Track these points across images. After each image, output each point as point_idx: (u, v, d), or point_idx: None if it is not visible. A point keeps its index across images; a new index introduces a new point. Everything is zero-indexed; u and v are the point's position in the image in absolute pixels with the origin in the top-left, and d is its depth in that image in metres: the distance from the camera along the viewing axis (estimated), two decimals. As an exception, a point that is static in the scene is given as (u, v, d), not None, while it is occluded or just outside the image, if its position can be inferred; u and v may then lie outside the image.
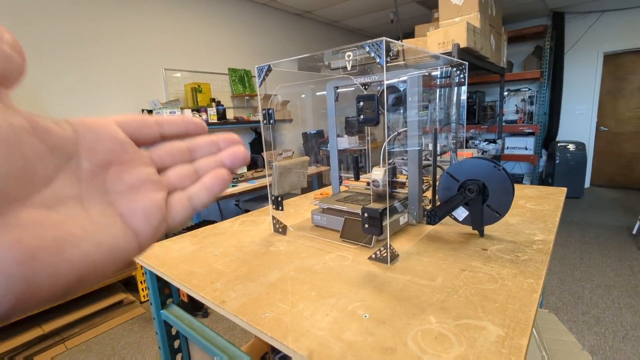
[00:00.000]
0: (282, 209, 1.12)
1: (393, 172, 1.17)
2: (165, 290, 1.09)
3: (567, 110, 4.76)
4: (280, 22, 4.35)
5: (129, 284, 2.76)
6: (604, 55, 4.49)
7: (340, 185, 1.31)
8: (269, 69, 1.03)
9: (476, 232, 1.06)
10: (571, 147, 4.40)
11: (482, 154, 3.65)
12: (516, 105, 4.96)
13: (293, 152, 4.09)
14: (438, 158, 1.11)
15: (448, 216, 1.02)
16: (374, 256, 0.90)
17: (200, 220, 2.83)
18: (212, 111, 3.49)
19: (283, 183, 3.14)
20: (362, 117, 0.82)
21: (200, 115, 3.38)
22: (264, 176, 3.47)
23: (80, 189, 0.19)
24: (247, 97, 4.11)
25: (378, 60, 0.80)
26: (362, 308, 0.68)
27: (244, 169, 3.81)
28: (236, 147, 0.26)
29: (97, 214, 0.19)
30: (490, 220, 0.99)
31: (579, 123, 4.75)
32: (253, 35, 4.07)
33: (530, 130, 4.27)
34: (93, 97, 2.89)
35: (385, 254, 0.88)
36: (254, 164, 4.07)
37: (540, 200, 1.39)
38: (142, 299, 2.61)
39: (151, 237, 0.21)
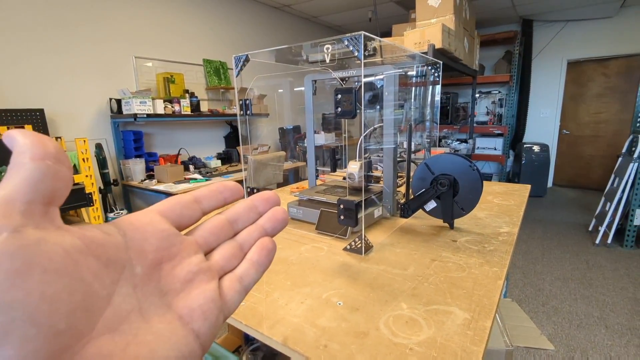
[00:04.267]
0: (258, 201, 1.12)
1: (368, 166, 1.19)
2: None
3: (533, 113, 5.01)
4: (259, 14, 4.29)
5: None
6: (567, 63, 4.75)
7: (316, 179, 1.32)
8: (247, 59, 1.02)
9: (447, 225, 1.10)
10: (536, 148, 4.64)
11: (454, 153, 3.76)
12: (487, 107, 5.16)
13: (269, 147, 4.06)
14: (412, 156, 1.14)
15: (420, 209, 1.06)
16: (348, 247, 0.92)
17: (172, 214, 2.76)
18: (186, 102, 3.39)
19: (258, 178, 3.12)
20: (339, 109, 0.83)
21: (172, 107, 3.29)
22: (239, 170, 3.42)
23: (138, 299, 0.18)
24: (222, 90, 4.03)
25: (356, 54, 0.81)
26: (336, 296, 0.70)
27: (218, 163, 3.74)
28: (275, 210, 0.26)
29: (158, 323, 0.18)
30: (456, 214, 1.04)
31: (543, 126, 5.01)
32: (230, 26, 3.99)
33: (499, 132, 4.46)
34: (60, 83, 2.74)
35: (360, 245, 0.90)
36: (229, 158, 4.01)
37: (507, 196, 1.46)
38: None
39: (212, 335, 0.20)
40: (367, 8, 4.32)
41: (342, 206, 0.88)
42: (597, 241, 3.20)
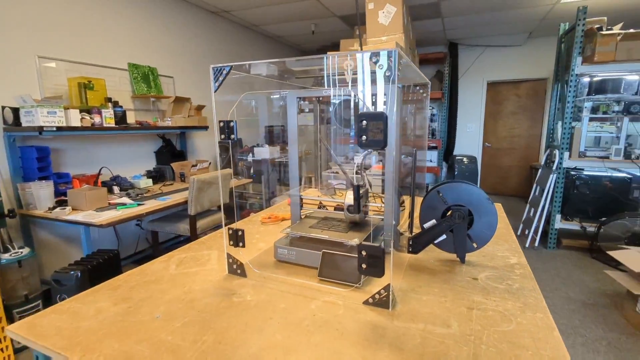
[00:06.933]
0: (243, 245, 0.90)
1: (366, 195, 1.06)
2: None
3: (461, 128, 5.48)
4: (195, 18, 3.93)
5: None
6: (487, 83, 5.30)
7: (300, 209, 1.13)
8: (228, 72, 0.81)
9: (453, 256, 1.01)
10: (465, 160, 5.05)
11: (404, 166, 3.87)
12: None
13: (210, 163, 3.70)
14: (366, 172, 1.03)
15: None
16: (371, 300, 0.76)
17: (94, 251, 2.27)
18: (109, 113, 2.90)
19: (202, 199, 2.78)
20: (365, 138, 0.68)
21: (92, 118, 2.77)
22: (176, 191, 3.02)
23: None
24: (153, 99, 3.57)
25: (387, 73, 0.67)
26: (395, 385, 0.53)
27: (149, 183, 3.27)
28: None
29: None
30: (467, 249, 0.95)
31: (470, 139, 5.50)
32: (161, 29, 3.57)
33: (434, 145, 4.74)
34: None
35: (386, 297, 0.75)
36: (161, 176, 3.55)
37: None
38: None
39: None
40: (310, 21, 4.26)
41: (364, 253, 0.72)
42: (527, 244, 3.52)
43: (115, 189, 2.90)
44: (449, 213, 0.94)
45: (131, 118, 3.36)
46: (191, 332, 0.67)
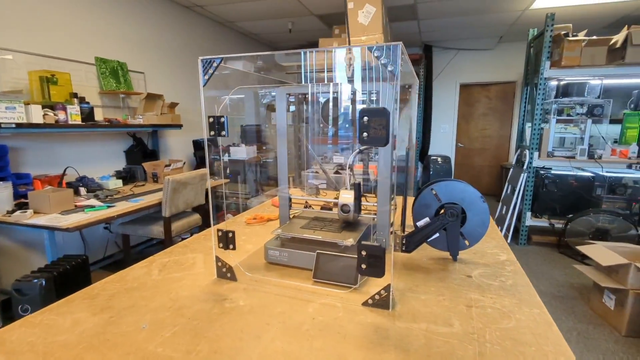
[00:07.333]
0: (233, 248, 0.85)
1: (359, 192, 1.04)
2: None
3: (436, 128, 5.62)
4: (166, 11, 3.77)
5: None
6: (460, 85, 5.47)
7: (289, 209, 1.10)
8: (219, 64, 0.76)
9: (445, 254, 1.02)
10: (440, 160, 5.18)
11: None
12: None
13: (184, 163, 3.57)
14: (350, 171, 1.02)
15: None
16: (370, 301, 0.74)
17: (59, 257, 2.11)
18: (74, 109, 2.72)
19: (177, 200, 2.67)
20: (366, 135, 0.66)
21: (56, 114, 2.59)
22: (149, 192, 2.88)
23: None
24: (122, 95, 3.39)
25: (391, 68, 0.65)
26: (407, 389, 0.51)
27: (119, 183, 3.11)
28: None
29: None
30: (460, 247, 0.96)
31: (444, 140, 5.65)
32: (131, 21, 3.40)
33: (410, 145, 4.83)
34: None
35: (387, 297, 0.73)
36: (132, 176, 3.38)
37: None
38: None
39: None
40: (287, 19, 4.21)
41: (364, 253, 0.70)
42: (499, 242, 3.65)
43: (82, 190, 2.72)
44: (442, 211, 0.94)
45: (99, 115, 3.18)
46: (183, 342, 0.62)
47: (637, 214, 3.20)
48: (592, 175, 3.32)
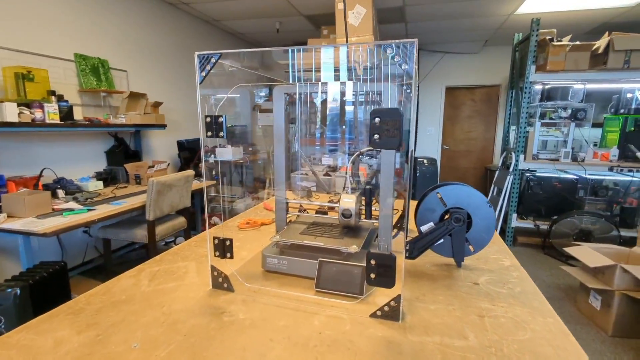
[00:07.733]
0: (231, 257, 0.79)
1: (364, 197, 1.00)
2: None
3: (422, 130, 5.67)
4: (150, 8, 3.65)
5: None
6: (445, 88, 5.54)
7: (286, 214, 1.05)
8: (217, 60, 0.71)
9: (449, 260, 0.99)
10: (426, 162, 5.21)
11: (369, 167, 3.90)
12: (382, 124, 5.56)
13: (168, 164, 3.45)
14: (337, 173, 0.99)
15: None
16: (379, 313, 0.70)
17: (35, 264, 1.98)
18: (52, 108, 2.58)
19: (162, 203, 2.57)
20: (377, 137, 0.62)
21: (32, 112, 2.46)
22: (132, 194, 2.77)
23: None
24: (103, 94, 3.26)
25: (404, 67, 0.61)
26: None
27: (100, 185, 2.98)
28: None
29: None
30: (465, 253, 0.93)
31: (430, 142, 5.71)
32: (112, 17, 3.27)
33: (397, 147, 4.84)
34: None
35: (396, 308, 0.69)
36: (114, 178, 3.25)
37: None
38: None
39: None
40: (274, 18, 4.15)
41: (373, 262, 0.66)
42: (486, 243, 3.69)
43: (60, 192, 2.59)
44: (447, 216, 0.92)
45: (78, 114, 3.03)
46: (180, 364, 0.56)
47: (618, 215, 3.30)
48: (576, 177, 3.41)
